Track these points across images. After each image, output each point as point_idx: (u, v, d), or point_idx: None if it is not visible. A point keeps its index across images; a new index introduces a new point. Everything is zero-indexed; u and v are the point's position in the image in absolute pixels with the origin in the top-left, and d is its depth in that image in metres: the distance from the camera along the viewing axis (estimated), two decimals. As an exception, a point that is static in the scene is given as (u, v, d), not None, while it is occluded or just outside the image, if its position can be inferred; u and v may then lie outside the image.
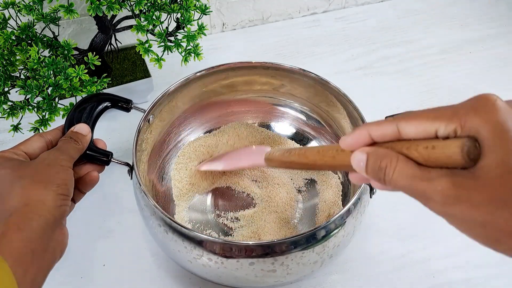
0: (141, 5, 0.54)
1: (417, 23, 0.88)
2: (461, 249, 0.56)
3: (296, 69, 0.57)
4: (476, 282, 0.53)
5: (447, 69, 0.79)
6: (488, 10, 0.91)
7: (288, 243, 0.42)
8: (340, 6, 0.91)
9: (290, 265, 0.43)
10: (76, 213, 0.42)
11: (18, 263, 0.32)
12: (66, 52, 0.55)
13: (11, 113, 0.53)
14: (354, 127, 0.55)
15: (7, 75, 0.53)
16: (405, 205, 0.60)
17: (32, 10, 0.54)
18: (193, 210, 0.57)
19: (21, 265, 0.32)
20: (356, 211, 0.46)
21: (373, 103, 0.73)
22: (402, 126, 0.29)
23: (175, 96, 0.57)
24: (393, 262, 0.55)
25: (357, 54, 0.82)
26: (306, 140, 0.63)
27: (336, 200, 0.56)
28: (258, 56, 0.81)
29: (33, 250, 0.33)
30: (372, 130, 0.30)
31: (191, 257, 0.44)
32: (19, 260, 0.32)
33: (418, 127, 0.28)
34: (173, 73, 0.62)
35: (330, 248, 0.44)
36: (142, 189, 0.45)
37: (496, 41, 0.84)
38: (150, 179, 0.56)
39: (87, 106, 0.46)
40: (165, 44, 0.55)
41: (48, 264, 0.35)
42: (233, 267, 0.43)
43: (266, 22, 0.88)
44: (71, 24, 0.73)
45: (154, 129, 0.56)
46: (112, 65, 0.70)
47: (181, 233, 0.43)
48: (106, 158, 0.44)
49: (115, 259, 0.55)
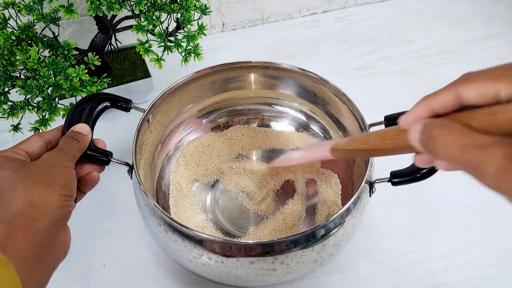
0: (141, 5, 0.54)
1: (417, 23, 0.88)
2: (461, 249, 0.56)
3: (296, 69, 0.57)
4: (476, 282, 0.53)
5: (447, 69, 0.79)
6: (488, 10, 0.91)
7: (288, 242, 0.42)
8: (340, 6, 0.91)
9: (290, 264, 0.43)
10: (76, 213, 0.42)
11: (23, 265, 0.32)
12: (66, 52, 0.55)
13: (11, 113, 0.53)
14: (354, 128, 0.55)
15: (7, 75, 0.54)
16: (405, 205, 0.60)
17: (32, 10, 0.54)
18: (193, 210, 0.57)
19: (26, 267, 0.32)
20: (355, 210, 0.46)
21: (373, 103, 0.73)
22: (461, 91, 0.26)
23: (175, 96, 0.57)
24: (393, 262, 0.55)
25: (357, 54, 0.82)
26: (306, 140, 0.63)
27: (335, 199, 0.56)
28: (258, 56, 0.81)
29: (38, 251, 0.33)
30: (432, 102, 0.28)
31: (191, 257, 0.44)
32: (24, 262, 0.32)
33: (478, 90, 0.25)
34: (173, 73, 0.62)
35: (330, 247, 0.44)
36: (142, 188, 0.45)
37: (496, 41, 0.84)
38: (150, 178, 0.56)
39: (86, 106, 0.46)
40: (165, 44, 0.55)
41: (52, 265, 0.36)
42: (233, 266, 0.43)
43: (266, 22, 0.88)
44: (71, 24, 0.73)
45: (154, 129, 0.56)
46: (112, 65, 0.70)
47: (181, 232, 0.43)
48: (106, 158, 0.44)
49: (115, 259, 0.55)
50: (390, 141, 0.34)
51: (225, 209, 0.57)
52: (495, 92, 0.24)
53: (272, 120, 0.64)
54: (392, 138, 0.34)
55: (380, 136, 0.36)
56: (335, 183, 0.57)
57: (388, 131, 0.35)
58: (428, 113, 0.28)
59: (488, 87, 0.25)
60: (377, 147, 0.37)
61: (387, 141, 0.34)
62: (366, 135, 0.39)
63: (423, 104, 0.29)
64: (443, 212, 0.58)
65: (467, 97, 0.26)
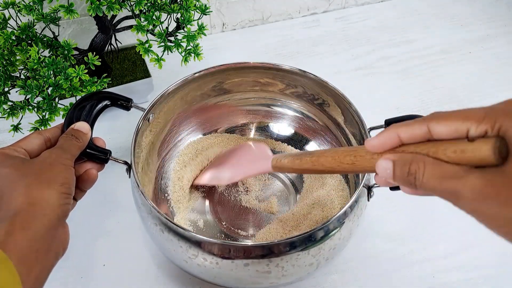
0: (141, 5, 0.54)
1: (417, 23, 0.88)
2: (461, 249, 0.56)
3: (296, 70, 0.57)
4: (476, 282, 0.53)
5: (447, 69, 0.79)
6: (488, 10, 0.91)
7: (283, 245, 0.42)
8: (340, 6, 0.91)
9: (285, 267, 0.43)
10: (76, 212, 0.42)
11: (23, 262, 0.32)
12: (66, 52, 0.55)
13: (11, 113, 0.53)
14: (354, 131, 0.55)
15: (7, 75, 0.54)
16: (405, 206, 0.60)
17: (32, 10, 0.54)
18: (193, 210, 0.57)
19: (26, 264, 0.32)
20: (353, 214, 0.45)
21: (373, 103, 0.73)
22: (433, 126, 0.29)
23: (175, 95, 0.57)
24: (393, 262, 0.55)
25: (357, 54, 0.82)
26: (305, 141, 0.62)
27: (333, 202, 0.56)
28: (258, 56, 0.81)
29: (37, 249, 0.34)
30: (401, 132, 0.31)
31: (187, 257, 0.44)
32: (23, 259, 0.32)
33: (449, 127, 0.28)
34: (173, 73, 0.62)
35: (326, 250, 0.44)
36: (139, 188, 0.45)
37: (496, 41, 0.84)
38: (149, 178, 0.56)
39: (87, 105, 0.46)
40: (165, 44, 0.55)
41: (51, 262, 0.36)
42: (228, 267, 0.43)
43: (266, 22, 0.88)
44: (71, 24, 0.73)
45: (154, 128, 0.56)
46: (112, 65, 0.70)
47: (177, 232, 0.43)
48: (104, 156, 0.44)
49: (115, 259, 0.55)
50: (347, 166, 0.35)
51: (223, 210, 0.57)
52: (464, 130, 0.28)
53: (271, 121, 0.64)
54: (350, 163, 0.35)
55: (336, 160, 0.36)
56: (333, 185, 0.57)
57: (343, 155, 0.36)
58: (396, 140, 0.31)
59: (459, 125, 0.28)
60: (333, 169, 0.37)
61: (345, 165, 0.35)
62: (317, 155, 0.39)
63: (392, 132, 0.31)
64: (443, 213, 0.58)
65: (437, 132, 0.29)
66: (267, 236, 0.53)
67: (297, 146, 0.62)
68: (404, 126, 0.31)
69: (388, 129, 0.31)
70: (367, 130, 0.50)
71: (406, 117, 0.48)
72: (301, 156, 0.42)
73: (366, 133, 0.50)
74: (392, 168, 0.31)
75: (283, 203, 0.58)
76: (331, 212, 0.54)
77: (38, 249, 0.34)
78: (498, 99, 0.29)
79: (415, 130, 0.30)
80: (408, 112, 0.72)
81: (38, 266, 0.34)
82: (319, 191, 0.57)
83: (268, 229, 0.54)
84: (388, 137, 0.31)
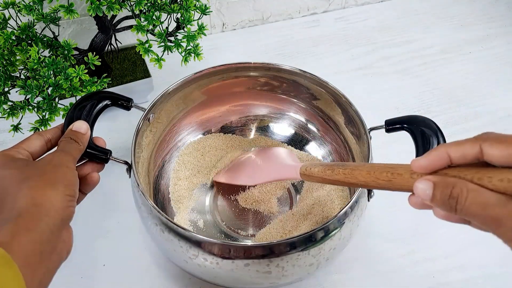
0: (141, 5, 0.54)
1: (417, 23, 0.88)
2: (461, 249, 0.56)
3: (296, 70, 0.57)
4: (476, 282, 0.53)
5: (447, 69, 0.79)
6: (488, 10, 0.91)
7: (283, 245, 0.42)
8: (340, 6, 0.91)
9: (285, 267, 0.43)
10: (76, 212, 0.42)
11: (27, 264, 0.32)
12: (66, 52, 0.55)
13: (11, 113, 0.53)
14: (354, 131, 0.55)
15: (7, 75, 0.54)
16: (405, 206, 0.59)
17: (32, 10, 0.54)
18: (193, 210, 0.57)
19: (30, 266, 0.32)
20: (353, 214, 0.45)
21: (373, 103, 0.73)
22: (486, 148, 0.28)
23: (175, 95, 0.57)
24: (393, 262, 0.55)
25: (357, 54, 0.82)
26: (305, 141, 0.62)
27: (334, 203, 0.56)
28: (258, 56, 0.81)
29: (41, 251, 0.33)
30: (451, 151, 0.30)
31: (187, 257, 0.44)
32: (28, 262, 0.32)
33: (504, 151, 0.27)
34: (173, 73, 0.62)
35: (326, 251, 0.44)
36: (140, 188, 0.45)
37: (496, 41, 0.84)
38: (149, 178, 0.56)
39: (87, 104, 0.46)
40: (165, 44, 0.55)
41: (55, 264, 0.36)
42: (229, 267, 0.43)
43: (266, 22, 0.88)
44: (71, 24, 0.73)
45: (154, 128, 0.56)
46: (112, 65, 0.70)
47: (177, 232, 0.43)
48: (105, 156, 0.44)
49: (115, 259, 0.55)
50: (383, 182, 0.34)
51: (223, 210, 0.57)
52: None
53: (271, 121, 0.64)
54: (386, 179, 0.34)
55: (371, 175, 0.35)
56: (333, 187, 0.57)
57: (379, 171, 0.35)
58: (446, 160, 0.30)
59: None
60: (364, 183, 0.36)
61: (380, 181, 0.34)
62: (351, 168, 0.38)
63: (442, 151, 0.30)
64: (443, 212, 0.58)
65: (490, 155, 0.28)
66: (267, 236, 0.53)
67: (297, 147, 0.63)
68: (455, 146, 0.29)
69: (437, 148, 0.30)
70: (367, 130, 0.50)
71: (406, 117, 0.48)
72: (333, 167, 0.41)
73: (366, 133, 0.50)
74: (432, 189, 0.29)
75: (283, 203, 0.58)
76: (331, 212, 0.54)
77: (42, 251, 0.33)
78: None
79: (467, 150, 0.29)
80: (408, 112, 0.72)
81: (42, 268, 0.33)
82: (319, 191, 0.57)
83: (268, 229, 0.54)
84: (438, 157, 0.30)
